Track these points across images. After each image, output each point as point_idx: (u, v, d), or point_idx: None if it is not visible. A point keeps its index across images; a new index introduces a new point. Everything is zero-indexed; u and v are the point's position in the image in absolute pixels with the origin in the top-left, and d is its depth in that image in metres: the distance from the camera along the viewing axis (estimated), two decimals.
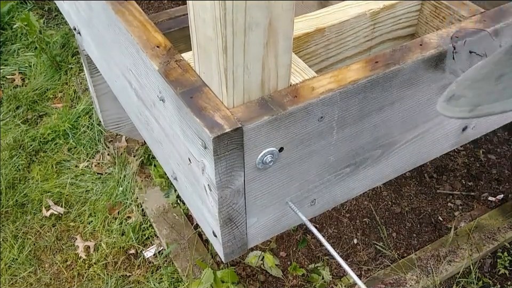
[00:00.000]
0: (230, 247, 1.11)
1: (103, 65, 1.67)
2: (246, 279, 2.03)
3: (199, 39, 0.92)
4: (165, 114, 1.10)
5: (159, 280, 2.04)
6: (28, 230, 2.23)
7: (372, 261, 2.11)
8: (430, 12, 1.39)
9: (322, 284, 2.00)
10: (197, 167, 1.01)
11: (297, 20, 1.26)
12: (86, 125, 2.61)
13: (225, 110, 0.92)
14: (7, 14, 3.27)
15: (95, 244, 2.17)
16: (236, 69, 0.88)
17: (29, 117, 2.73)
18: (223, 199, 0.98)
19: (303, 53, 1.27)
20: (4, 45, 3.15)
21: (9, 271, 2.08)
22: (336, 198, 1.24)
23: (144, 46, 1.11)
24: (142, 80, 1.19)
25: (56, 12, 3.37)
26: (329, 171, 1.14)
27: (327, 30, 1.27)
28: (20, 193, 2.35)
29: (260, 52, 0.89)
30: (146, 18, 1.20)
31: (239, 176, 0.97)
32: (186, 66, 1.04)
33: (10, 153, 2.50)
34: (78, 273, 2.08)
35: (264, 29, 0.86)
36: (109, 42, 1.42)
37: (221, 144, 0.88)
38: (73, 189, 2.37)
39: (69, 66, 2.98)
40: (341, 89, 0.99)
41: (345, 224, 2.24)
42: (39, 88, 2.87)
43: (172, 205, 2.27)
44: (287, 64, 0.95)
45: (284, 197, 1.11)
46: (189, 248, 2.10)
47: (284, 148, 0.99)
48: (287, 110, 0.94)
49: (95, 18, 1.48)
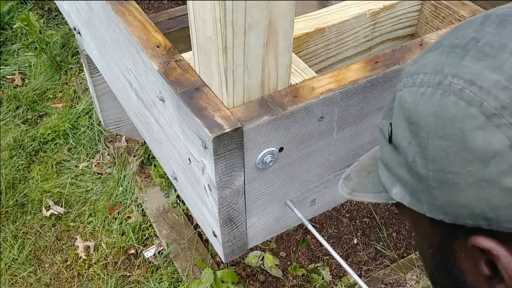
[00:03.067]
0: (230, 247, 1.11)
1: (103, 65, 1.67)
2: (246, 279, 2.03)
3: (199, 39, 0.92)
4: (165, 114, 1.10)
5: (159, 280, 2.04)
6: (28, 230, 2.23)
7: (371, 261, 2.11)
8: (430, 12, 1.39)
9: (322, 284, 2.00)
10: (197, 167, 1.01)
11: (297, 20, 1.26)
12: (86, 125, 2.61)
13: (225, 110, 0.92)
14: (7, 14, 3.27)
15: (95, 244, 2.17)
16: (236, 69, 0.88)
17: (29, 117, 2.73)
18: (223, 199, 0.98)
19: (303, 53, 1.27)
20: (4, 45, 3.15)
21: (9, 271, 2.08)
22: (336, 198, 1.24)
23: (144, 46, 1.11)
24: (142, 80, 1.19)
25: (56, 11, 3.37)
26: (329, 171, 1.14)
27: (327, 30, 1.27)
28: (20, 193, 2.35)
29: (259, 52, 0.89)
30: (146, 18, 1.20)
31: (239, 176, 0.97)
32: (186, 66, 1.04)
33: (10, 153, 2.50)
34: (78, 273, 2.08)
35: (264, 29, 0.86)
36: (109, 42, 1.42)
37: (221, 144, 0.88)
38: (73, 189, 2.37)
39: (69, 66, 2.98)
40: (341, 89, 0.99)
41: (345, 224, 2.24)
42: (39, 88, 2.87)
43: (171, 205, 2.27)
44: (287, 64, 0.95)
45: (284, 197, 1.11)
46: (189, 248, 2.10)
47: (283, 148, 0.99)
48: (287, 110, 0.94)
49: (95, 18, 1.48)
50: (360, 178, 0.62)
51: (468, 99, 0.42)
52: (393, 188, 0.52)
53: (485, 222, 0.43)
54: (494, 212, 0.42)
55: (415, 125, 0.46)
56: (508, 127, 0.40)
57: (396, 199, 0.52)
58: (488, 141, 0.40)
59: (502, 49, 0.42)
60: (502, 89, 0.40)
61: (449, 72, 0.44)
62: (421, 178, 0.46)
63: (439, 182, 0.44)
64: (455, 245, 0.48)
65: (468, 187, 0.42)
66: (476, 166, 0.41)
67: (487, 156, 0.41)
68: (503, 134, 0.40)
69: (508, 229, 0.42)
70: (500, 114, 0.40)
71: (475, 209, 0.43)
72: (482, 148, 0.41)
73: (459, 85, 0.43)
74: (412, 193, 0.49)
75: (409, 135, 0.47)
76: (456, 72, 0.43)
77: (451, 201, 0.44)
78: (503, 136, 0.40)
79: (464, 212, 0.44)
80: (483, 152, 0.41)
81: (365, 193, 0.59)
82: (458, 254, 0.48)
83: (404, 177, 0.49)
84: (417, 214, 0.49)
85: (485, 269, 0.45)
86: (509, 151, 0.40)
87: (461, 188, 0.43)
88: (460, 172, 0.43)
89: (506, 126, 0.40)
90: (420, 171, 0.46)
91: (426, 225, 0.50)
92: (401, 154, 0.49)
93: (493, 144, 0.40)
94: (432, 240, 0.51)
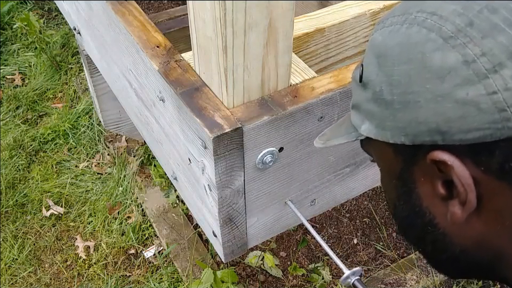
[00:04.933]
0: (230, 247, 1.11)
1: (103, 65, 1.67)
2: (246, 279, 2.03)
3: (199, 39, 0.92)
4: (165, 114, 1.10)
5: (159, 280, 2.04)
6: (28, 230, 2.23)
7: (371, 261, 2.11)
8: None
9: (322, 284, 2.00)
10: (197, 167, 1.01)
11: (297, 20, 1.26)
12: (86, 125, 2.61)
13: (225, 110, 0.92)
14: (7, 14, 3.27)
15: (95, 244, 2.17)
16: (236, 69, 0.88)
17: (29, 117, 2.73)
18: (223, 199, 0.98)
19: (303, 53, 1.27)
20: (4, 45, 3.15)
21: (9, 271, 2.08)
22: (336, 198, 1.24)
23: (144, 46, 1.11)
24: (142, 80, 1.19)
25: (56, 11, 3.37)
26: (329, 171, 1.14)
27: (327, 30, 1.27)
28: (20, 193, 2.35)
29: (259, 52, 0.89)
30: (146, 18, 1.20)
31: (239, 176, 0.97)
32: (186, 66, 1.04)
33: (10, 153, 2.50)
34: (78, 273, 2.08)
35: (264, 29, 0.86)
36: (109, 42, 1.42)
37: (221, 144, 0.88)
38: (73, 189, 2.37)
39: (69, 66, 2.98)
40: (341, 89, 0.99)
41: (345, 224, 2.24)
42: (39, 88, 2.87)
43: (171, 205, 2.27)
44: (287, 64, 0.95)
45: (284, 197, 1.11)
46: (189, 248, 2.10)
47: (283, 148, 0.99)
48: (287, 110, 0.94)
49: (95, 18, 1.48)
50: (333, 130, 0.71)
51: (429, 26, 0.48)
52: (362, 125, 0.58)
53: (440, 137, 0.48)
54: (447, 124, 0.47)
55: (383, 57, 0.52)
56: (462, 47, 0.46)
57: (364, 134, 0.58)
58: (444, 60, 0.46)
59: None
60: (458, 15, 0.47)
61: (414, 9, 0.51)
62: (387, 104, 0.52)
63: (402, 104, 0.50)
64: (415, 169, 0.53)
65: (427, 103, 0.48)
66: (433, 83, 0.47)
67: (443, 72, 0.46)
68: (457, 52, 0.46)
69: (459, 141, 0.47)
70: (455, 36, 0.46)
71: (431, 124, 0.48)
72: (440, 65, 0.47)
73: (422, 17, 0.49)
74: (378, 125, 0.55)
75: (377, 68, 0.53)
76: (420, 8, 0.50)
77: (412, 120, 0.50)
78: (457, 54, 0.46)
79: (422, 129, 0.49)
80: (440, 69, 0.47)
81: (337, 138, 0.66)
82: (417, 178, 0.53)
83: (371, 110, 0.55)
84: (382, 146, 0.56)
85: (441, 190, 0.50)
86: (462, 66, 0.45)
87: (420, 105, 0.49)
88: (419, 91, 0.48)
89: (461, 45, 0.46)
90: (386, 97, 0.52)
91: (389, 155, 0.56)
92: (369, 89, 0.55)
93: (448, 61, 0.46)
94: (395, 169, 0.56)
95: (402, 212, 0.58)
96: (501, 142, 0.45)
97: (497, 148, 0.45)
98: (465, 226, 0.50)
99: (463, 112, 0.46)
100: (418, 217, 0.55)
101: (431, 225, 0.54)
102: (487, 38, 0.45)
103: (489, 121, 0.45)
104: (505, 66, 0.44)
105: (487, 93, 0.44)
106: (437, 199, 0.52)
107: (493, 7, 0.45)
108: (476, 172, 0.47)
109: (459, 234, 0.52)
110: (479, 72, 0.45)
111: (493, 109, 0.44)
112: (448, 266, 0.58)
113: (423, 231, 0.56)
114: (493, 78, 0.44)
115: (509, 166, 0.45)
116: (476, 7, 0.46)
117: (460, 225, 0.51)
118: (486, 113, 0.45)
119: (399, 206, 0.59)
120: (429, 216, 0.54)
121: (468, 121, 0.46)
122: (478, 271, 0.56)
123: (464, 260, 0.54)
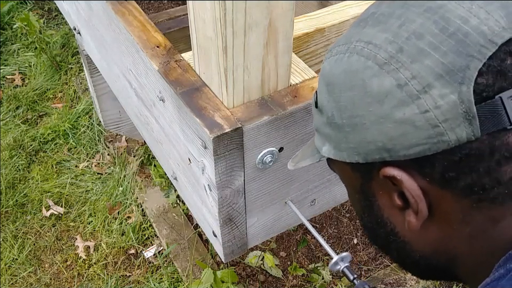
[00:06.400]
0: (230, 247, 1.11)
1: (103, 65, 1.67)
2: (246, 279, 2.03)
3: (199, 39, 0.92)
4: (165, 114, 1.10)
5: (159, 280, 2.04)
6: (28, 230, 2.23)
7: (371, 261, 2.12)
8: None
9: (322, 284, 2.00)
10: (197, 167, 1.01)
11: (297, 20, 1.26)
12: (86, 125, 2.61)
13: (225, 110, 0.92)
14: (7, 14, 3.27)
15: (95, 244, 2.17)
16: (236, 69, 0.88)
17: (29, 117, 2.73)
18: (223, 199, 0.98)
19: (303, 53, 1.27)
20: (4, 45, 3.15)
21: (9, 271, 2.08)
22: (336, 198, 1.24)
23: (144, 46, 1.11)
24: (142, 80, 1.19)
25: (56, 11, 3.37)
26: (329, 171, 1.14)
27: (327, 30, 1.27)
28: (20, 193, 2.35)
29: (259, 52, 0.89)
30: (146, 18, 1.20)
31: (239, 176, 0.97)
32: (186, 66, 1.04)
33: (10, 153, 2.50)
34: (78, 273, 2.08)
35: (264, 29, 0.86)
36: (109, 42, 1.42)
37: (221, 144, 0.88)
38: (73, 189, 2.37)
39: (69, 66, 2.98)
40: None
41: (345, 224, 2.24)
42: (39, 88, 2.87)
43: (171, 205, 2.27)
44: (287, 64, 0.95)
45: (284, 196, 1.11)
46: (189, 248, 2.10)
47: (283, 148, 0.99)
48: (287, 110, 0.94)
49: (95, 18, 1.48)
50: (303, 151, 0.75)
51: (366, 55, 0.52)
52: (323, 146, 0.62)
53: (387, 154, 0.52)
54: (391, 142, 0.51)
55: (331, 85, 0.57)
56: (395, 72, 0.50)
57: (325, 155, 0.62)
58: (381, 84, 0.50)
59: (390, 16, 0.52)
60: (389, 43, 0.51)
61: (354, 39, 0.55)
62: (339, 127, 0.56)
63: (351, 127, 0.54)
64: (373, 184, 0.57)
65: (371, 125, 0.52)
66: (374, 106, 0.51)
67: (381, 96, 0.50)
68: (391, 77, 0.50)
69: (404, 156, 0.51)
70: (388, 62, 0.50)
71: (378, 143, 0.52)
72: (378, 90, 0.51)
73: (360, 46, 0.53)
74: (335, 146, 0.59)
75: (327, 95, 0.57)
76: (359, 38, 0.54)
77: (361, 141, 0.54)
78: (391, 79, 0.50)
79: (371, 148, 0.53)
80: (378, 94, 0.51)
81: (305, 159, 0.72)
82: (376, 192, 0.57)
83: (328, 133, 0.59)
84: (342, 165, 0.60)
85: (397, 201, 0.54)
86: (396, 89, 0.49)
87: (367, 127, 0.53)
88: (364, 114, 0.53)
89: (394, 71, 0.50)
90: (337, 121, 0.56)
91: (349, 173, 0.60)
92: (324, 114, 0.59)
93: (384, 86, 0.50)
94: (356, 185, 0.60)
95: (368, 223, 0.63)
96: (438, 155, 0.49)
97: (436, 160, 0.49)
98: (422, 233, 0.55)
99: (402, 130, 0.50)
100: (381, 227, 0.59)
101: (393, 234, 0.58)
102: (416, 62, 0.49)
103: (425, 137, 0.49)
104: (433, 87, 0.48)
105: (420, 111, 0.48)
106: (395, 209, 0.56)
107: (419, 33, 0.49)
108: (423, 183, 0.51)
109: (418, 241, 0.56)
110: (411, 94, 0.49)
111: (427, 126, 0.48)
112: (413, 269, 0.62)
113: (387, 240, 0.60)
114: (424, 98, 0.48)
115: (448, 176, 0.49)
116: (405, 34, 0.50)
117: (416, 232, 0.55)
118: (422, 130, 0.49)
119: (364, 217, 0.63)
120: (390, 226, 0.58)
121: (408, 138, 0.50)
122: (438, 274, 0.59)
123: (423, 264, 0.58)
